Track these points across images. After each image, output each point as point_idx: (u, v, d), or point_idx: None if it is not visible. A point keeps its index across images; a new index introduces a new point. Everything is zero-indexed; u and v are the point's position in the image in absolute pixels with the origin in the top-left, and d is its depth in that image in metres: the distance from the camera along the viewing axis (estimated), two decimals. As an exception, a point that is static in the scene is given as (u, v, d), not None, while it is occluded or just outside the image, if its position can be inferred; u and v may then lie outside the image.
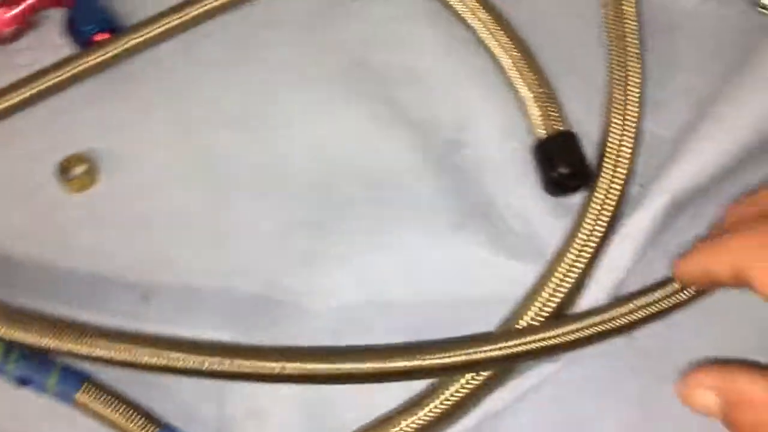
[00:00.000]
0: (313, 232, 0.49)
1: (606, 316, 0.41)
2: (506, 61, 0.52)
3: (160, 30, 0.53)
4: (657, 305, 0.41)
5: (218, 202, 0.50)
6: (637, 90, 0.49)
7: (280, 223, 0.49)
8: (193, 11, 0.53)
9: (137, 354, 0.41)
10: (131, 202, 0.50)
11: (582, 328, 0.40)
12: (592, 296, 0.44)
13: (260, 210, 0.50)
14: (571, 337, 0.40)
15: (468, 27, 0.54)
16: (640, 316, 0.41)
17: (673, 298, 0.41)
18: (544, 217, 0.48)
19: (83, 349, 0.41)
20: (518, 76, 0.51)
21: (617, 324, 0.41)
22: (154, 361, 0.41)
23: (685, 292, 0.41)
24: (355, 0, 0.56)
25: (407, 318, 0.46)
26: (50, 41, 0.56)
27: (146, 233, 0.49)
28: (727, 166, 0.45)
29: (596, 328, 0.41)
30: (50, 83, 0.51)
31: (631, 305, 0.41)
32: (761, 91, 0.46)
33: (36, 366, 0.42)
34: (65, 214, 0.50)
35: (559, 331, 0.41)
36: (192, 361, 0.41)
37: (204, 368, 0.40)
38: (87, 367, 0.43)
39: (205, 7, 0.54)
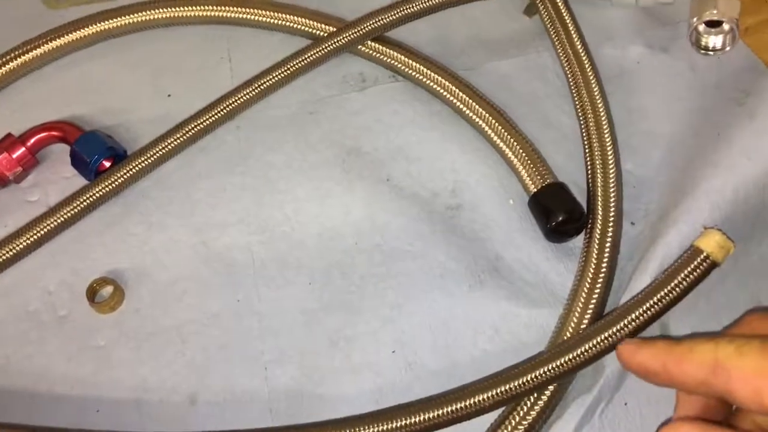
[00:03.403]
0: (341, 313, 0.51)
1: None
2: (484, 125, 0.57)
3: (162, 152, 0.57)
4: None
5: (244, 300, 0.52)
6: (610, 136, 0.54)
7: (308, 309, 0.52)
8: (189, 131, 0.57)
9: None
10: (161, 313, 0.52)
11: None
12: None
13: (284, 300, 0.52)
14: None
15: (441, 99, 0.59)
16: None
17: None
18: (552, 263, 0.52)
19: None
20: (500, 139, 0.56)
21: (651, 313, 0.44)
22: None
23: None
24: (344, 93, 0.60)
25: (441, 378, 0.49)
26: (58, 175, 0.59)
27: (180, 339, 0.51)
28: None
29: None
30: (66, 216, 0.54)
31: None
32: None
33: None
34: (99, 335, 0.52)
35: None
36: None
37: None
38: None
39: (200, 126, 0.58)
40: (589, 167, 0.54)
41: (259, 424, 0.47)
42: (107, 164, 0.57)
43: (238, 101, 0.58)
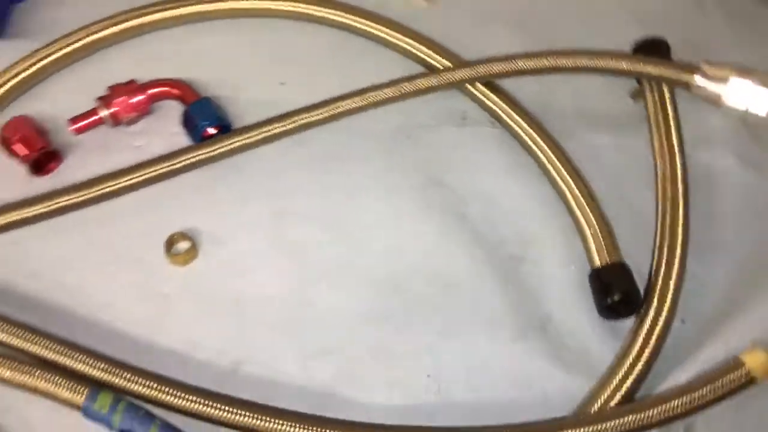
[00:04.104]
0: (389, 327, 0.54)
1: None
2: (565, 190, 0.59)
3: (266, 134, 0.60)
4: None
5: (302, 290, 0.56)
6: (683, 234, 0.56)
7: (359, 315, 0.55)
8: (293, 122, 0.61)
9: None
10: (226, 280, 0.56)
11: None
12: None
13: (339, 301, 0.55)
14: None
15: (531, 155, 0.62)
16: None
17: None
18: (597, 337, 0.54)
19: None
20: (578, 207, 0.58)
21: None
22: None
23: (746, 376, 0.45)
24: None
25: (465, 412, 0.51)
26: (165, 129, 0.63)
27: (237, 309, 0.55)
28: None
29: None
30: (167, 168, 0.58)
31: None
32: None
33: (139, 420, 0.46)
34: (167, 284, 0.55)
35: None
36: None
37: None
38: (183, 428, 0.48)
39: (304, 120, 0.61)
40: (655, 257, 0.55)
41: (289, 407, 0.50)
42: (212, 131, 0.61)
43: (345, 107, 0.62)
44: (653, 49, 0.63)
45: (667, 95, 0.62)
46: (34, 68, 0.64)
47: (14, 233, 0.55)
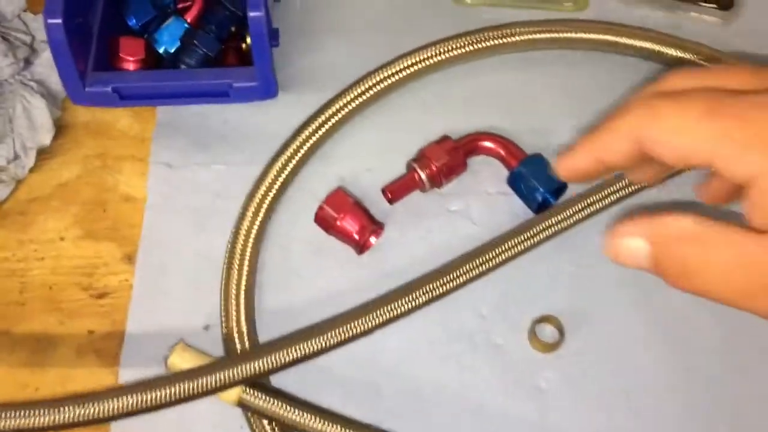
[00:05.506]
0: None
1: None
2: None
3: (613, 197, 0.54)
4: None
5: (685, 375, 0.50)
6: None
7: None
8: (610, 196, 0.54)
9: None
10: (597, 369, 0.51)
11: None
12: None
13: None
14: None
15: None
16: None
17: None
18: None
19: None
20: None
21: None
22: None
23: None
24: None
25: None
26: (479, 187, 0.57)
27: (623, 400, 0.49)
28: None
29: None
30: (519, 248, 0.52)
31: None
32: None
33: None
34: (541, 375, 0.50)
35: None
36: None
37: None
38: None
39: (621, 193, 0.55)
40: None
41: None
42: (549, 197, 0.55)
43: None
44: None
45: None
46: (324, 128, 0.58)
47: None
